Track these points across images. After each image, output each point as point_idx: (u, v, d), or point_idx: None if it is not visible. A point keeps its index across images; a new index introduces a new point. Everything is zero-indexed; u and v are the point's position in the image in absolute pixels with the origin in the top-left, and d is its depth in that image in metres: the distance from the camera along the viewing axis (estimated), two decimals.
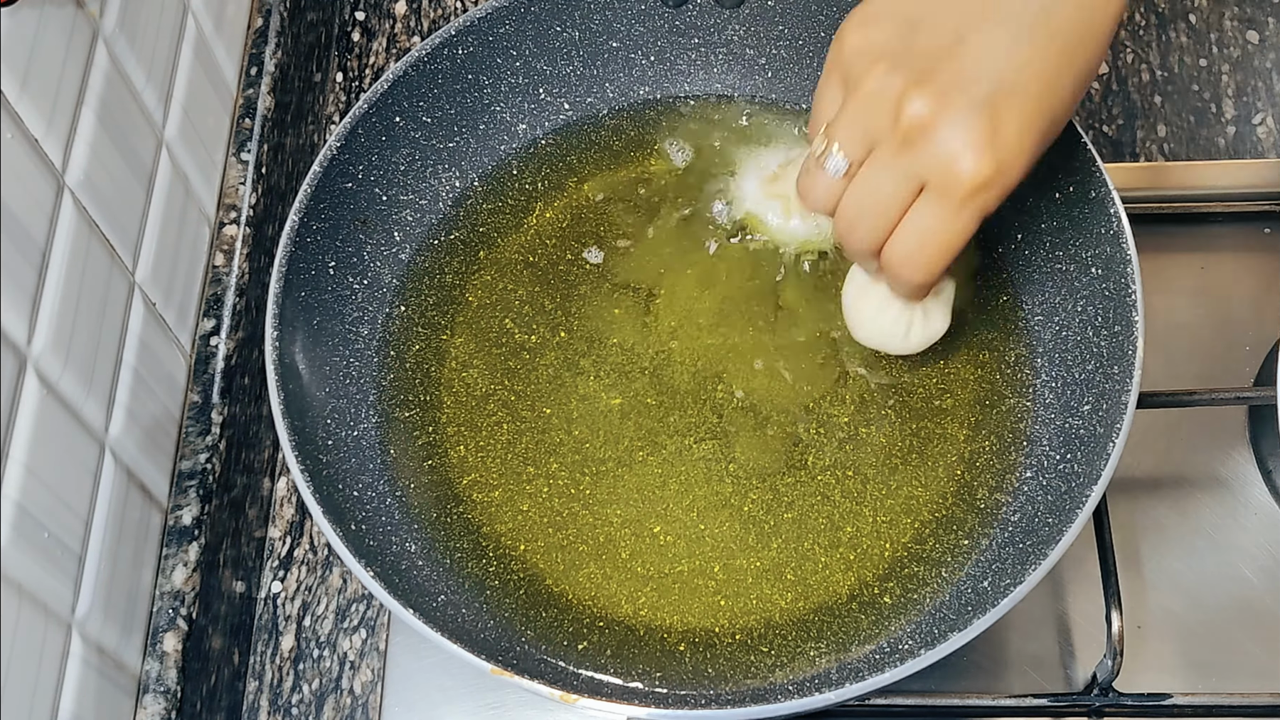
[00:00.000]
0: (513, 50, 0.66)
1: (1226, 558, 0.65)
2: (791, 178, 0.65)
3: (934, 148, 0.49)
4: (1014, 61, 0.49)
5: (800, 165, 0.54)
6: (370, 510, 0.58)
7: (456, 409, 0.62)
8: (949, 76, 0.49)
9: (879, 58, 0.50)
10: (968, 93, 0.48)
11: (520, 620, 0.57)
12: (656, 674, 0.56)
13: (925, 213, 0.50)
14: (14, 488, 0.50)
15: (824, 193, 0.52)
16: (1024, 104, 0.49)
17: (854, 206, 0.51)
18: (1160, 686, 0.60)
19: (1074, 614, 0.64)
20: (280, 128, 0.74)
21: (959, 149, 0.48)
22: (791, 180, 0.65)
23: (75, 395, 0.55)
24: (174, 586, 0.61)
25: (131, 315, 0.60)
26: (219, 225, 0.69)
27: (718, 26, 0.68)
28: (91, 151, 0.56)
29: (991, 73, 0.48)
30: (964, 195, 0.49)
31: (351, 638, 0.67)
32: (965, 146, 0.48)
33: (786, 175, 0.65)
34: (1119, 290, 0.57)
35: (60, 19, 0.54)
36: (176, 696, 0.59)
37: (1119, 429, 0.53)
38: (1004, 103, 0.48)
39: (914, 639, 0.54)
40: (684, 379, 0.62)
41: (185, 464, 0.63)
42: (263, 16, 0.74)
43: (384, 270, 0.64)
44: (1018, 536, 0.56)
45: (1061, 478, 0.56)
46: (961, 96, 0.48)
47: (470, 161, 0.67)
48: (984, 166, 0.48)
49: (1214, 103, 0.79)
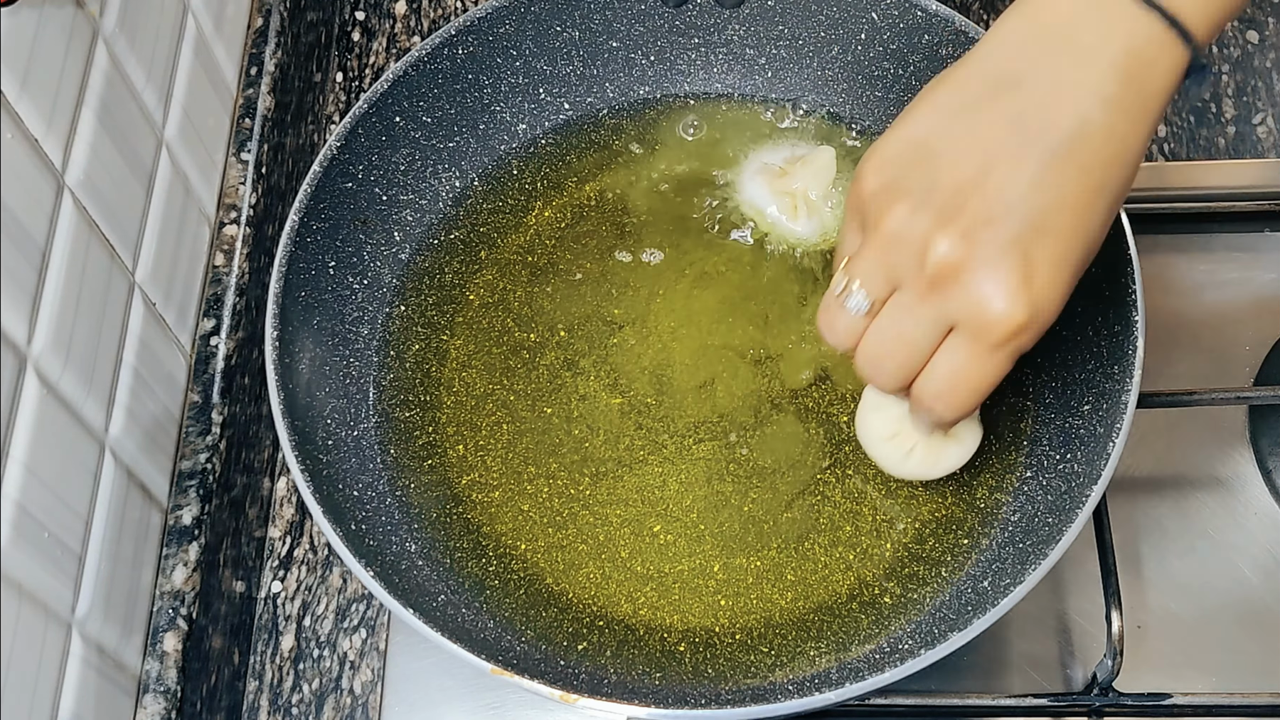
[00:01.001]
0: (513, 50, 0.66)
1: (1226, 558, 0.65)
2: (794, 174, 0.65)
3: (965, 293, 0.46)
4: (1043, 197, 0.46)
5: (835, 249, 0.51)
6: (370, 510, 0.58)
7: (456, 409, 0.62)
8: (975, 216, 0.46)
9: (901, 196, 0.47)
10: (997, 234, 0.46)
11: (520, 620, 0.57)
12: (656, 674, 0.56)
13: (957, 354, 0.48)
14: (14, 487, 0.50)
15: (845, 330, 0.50)
16: (1056, 242, 0.46)
17: (879, 346, 0.49)
18: (1160, 686, 0.60)
19: (1074, 614, 0.64)
20: (280, 128, 0.74)
21: (991, 295, 0.46)
22: (795, 177, 0.65)
23: (75, 395, 0.55)
24: (174, 586, 0.61)
25: (131, 315, 0.60)
26: (219, 225, 0.69)
27: (718, 26, 0.68)
28: (91, 151, 0.56)
29: (1020, 210, 0.46)
30: (998, 341, 0.47)
31: (351, 637, 0.67)
32: (998, 292, 0.46)
33: (792, 172, 0.65)
34: (1119, 290, 0.57)
35: (60, 19, 0.54)
36: (176, 696, 0.59)
37: (1119, 429, 0.53)
38: (1035, 242, 0.46)
39: (914, 639, 0.54)
40: (684, 379, 0.62)
41: (185, 464, 0.63)
42: (263, 16, 0.74)
43: (384, 270, 0.64)
44: (1018, 536, 0.56)
45: (1061, 478, 0.56)
46: (991, 238, 0.46)
47: (470, 161, 0.67)
48: (1019, 313, 0.46)
49: (1214, 103, 0.79)
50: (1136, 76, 0.47)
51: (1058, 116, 0.46)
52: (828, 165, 0.65)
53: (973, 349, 0.47)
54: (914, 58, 0.65)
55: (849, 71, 0.67)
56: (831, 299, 0.50)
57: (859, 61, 0.67)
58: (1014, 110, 0.47)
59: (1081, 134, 0.46)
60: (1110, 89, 0.46)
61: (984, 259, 0.46)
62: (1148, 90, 0.47)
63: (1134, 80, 0.47)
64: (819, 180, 0.65)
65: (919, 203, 0.47)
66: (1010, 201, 0.46)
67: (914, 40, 0.64)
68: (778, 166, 0.66)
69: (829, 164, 0.65)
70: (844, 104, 0.68)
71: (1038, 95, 0.47)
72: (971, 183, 0.46)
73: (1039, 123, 0.46)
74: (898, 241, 0.47)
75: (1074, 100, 0.46)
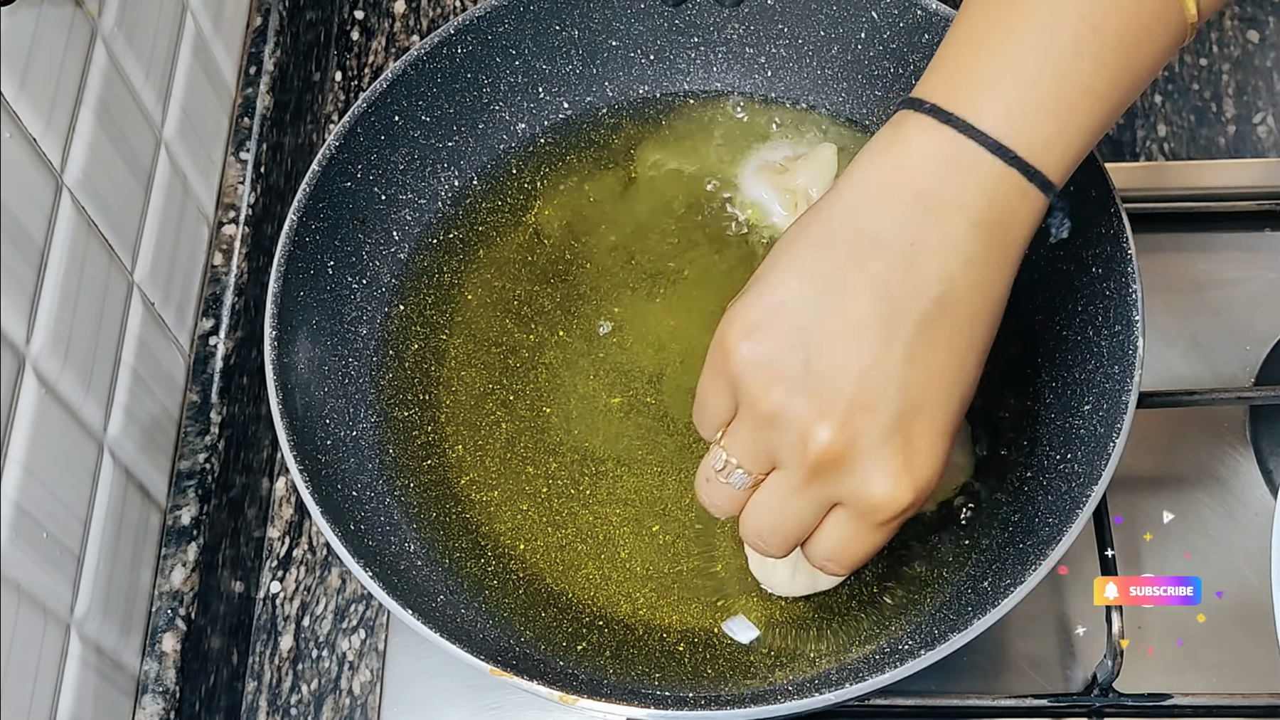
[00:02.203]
0: (512, 49, 0.66)
1: (1226, 558, 0.65)
2: (796, 171, 0.65)
3: (848, 481, 0.46)
4: (916, 372, 0.46)
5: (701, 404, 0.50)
6: (369, 510, 0.58)
7: (455, 408, 0.62)
8: (853, 403, 0.45)
9: (775, 378, 0.46)
10: (876, 420, 0.45)
11: (519, 620, 0.57)
12: (656, 674, 0.56)
13: (843, 528, 0.48)
14: (12, 488, 0.50)
15: (726, 502, 0.50)
16: (934, 415, 0.46)
17: (764, 521, 0.49)
18: (1160, 687, 0.60)
19: (1074, 614, 0.64)
20: (279, 127, 0.74)
21: (875, 482, 0.46)
22: (796, 174, 0.65)
23: (74, 395, 0.54)
24: (173, 586, 0.61)
25: (130, 315, 0.60)
26: (218, 225, 0.69)
27: (717, 25, 0.68)
28: (90, 151, 0.56)
29: (896, 391, 0.45)
30: (883, 521, 0.47)
31: (350, 638, 0.67)
32: (882, 480, 0.46)
33: (793, 169, 0.65)
34: (1119, 290, 0.56)
35: (59, 18, 0.54)
36: (175, 697, 0.59)
37: (1119, 429, 0.53)
38: (914, 422, 0.46)
39: (914, 639, 0.54)
40: (684, 378, 0.62)
41: (184, 464, 0.63)
42: (262, 15, 0.74)
43: (383, 269, 0.64)
44: (1018, 536, 0.56)
45: (1062, 478, 0.56)
46: (870, 425, 0.45)
47: (469, 160, 0.67)
48: (903, 496, 0.46)
49: (1214, 102, 0.79)
50: (999, 231, 0.46)
51: (923, 281, 0.45)
52: (829, 162, 0.65)
53: (858, 525, 0.48)
54: (914, 56, 0.65)
55: (849, 70, 0.67)
56: (711, 473, 0.50)
57: (859, 60, 0.67)
58: (879, 277, 0.46)
59: (948, 296, 0.46)
60: (973, 247, 0.46)
61: (865, 448, 0.46)
62: (1009, 240, 0.47)
63: (996, 235, 0.46)
64: (821, 177, 0.65)
65: (794, 386, 0.46)
66: (886, 383, 0.45)
67: (914, 39, 0.64)
68: (778, 164, 0.66)
69: (830, 161, 0.65)
70: (844, 102, 0.68)
71: (901, 259, 0.46)
72: (845, 365, 0.45)
73: (905, 290, 0.45)
74: (776, 424, 0.47)
75: (938, 262, 0.46)
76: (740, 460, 0.48)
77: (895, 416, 0.45)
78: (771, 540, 0.50)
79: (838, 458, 0.46)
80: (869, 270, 0.46)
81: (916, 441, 0.46)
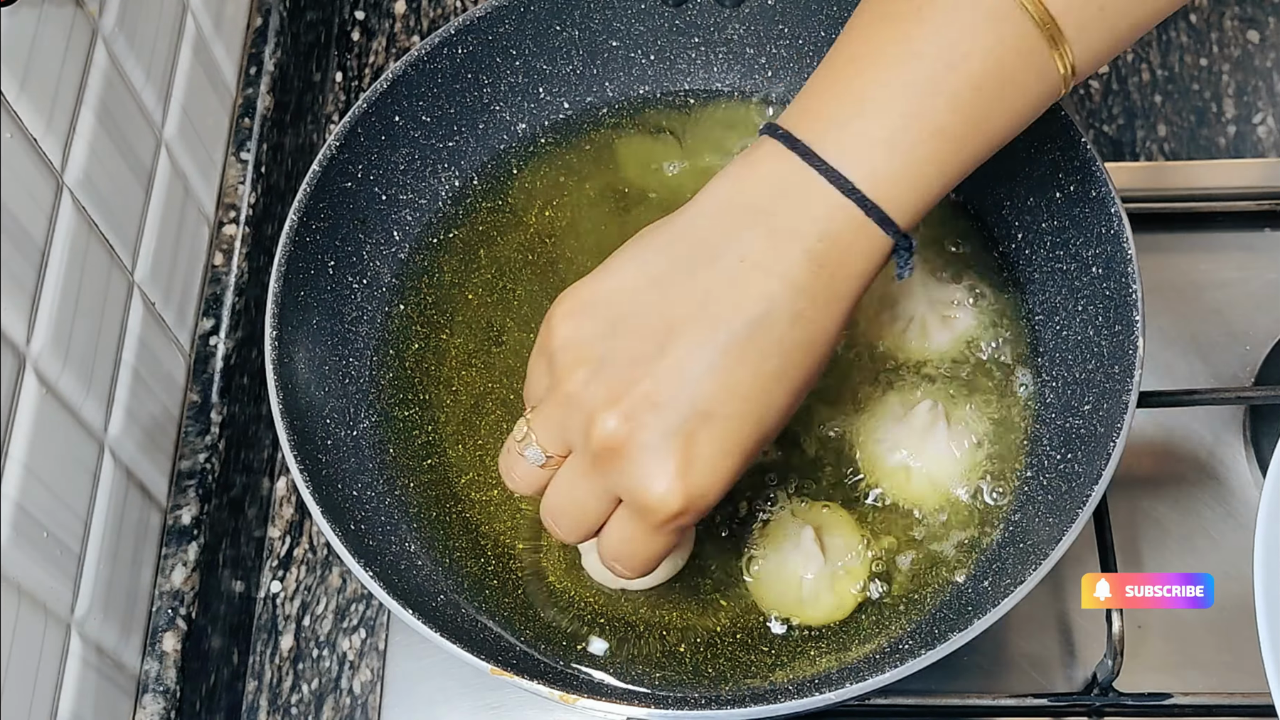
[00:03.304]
0: (512, 49, 0.66)
1: (1226, 558, 0.65)
2: None
3: (624, 475, 0.46)
4: (714, 383, 0.46)
5: None
6: (369, 510, 0.58)
7: (456, 408, 0.62)
8: (644, 397, 0.45)
9: (581, 360, 0.47)
10: (661, 418, 0.45)
11: (520, 620, 0.57)
12: (656, 674, 0.56)
13: (625, 527, 0.48)
14: (13, 487, 0.50)
15: (522, 478, 0.50)
16: (724, 430, 0.46)
17: (555, 504, 0.50)
18: (1160, 686, 0.60)
19: (1074, 614, 0.64)
20: (280, 127, 0.74)
21: (648, 482, 0.46)
22: None
23: (74, 395, 0.55)
24: (173, 586, 0.61)
25: (131, 315, 0.60)
26: (218, 225, 0.69)
27: (718, 25, 0.68)
28: (91, 151, 0.56)
29: (688, 395, 0.45)
30: (656, 524, 0.47)
31: (351, 637, 0.67)
32: (654, 480, 0.46)
33: None
34: (1119, 290, 0.57)
35: (60, 19, 0.54)
36: (176, 696, 0.59)
37: (1119, 428, 0.53)
38: (700, 430, 0.46)
39: (914, 639, 0.54)
40: None
41: (184, 464, 0.63)
42: (262, 16, 0.74)
43: (383, 269, 0.64)
44: (1018, 536, 0.56)
45: (1062, 477, 0.56)
46: (653, 422, 0.45)
47: (470, 160, 0.67)
48: (673, 501, 0.46)
49: (1214, 102, 0.79)
50: (829, 264, 0.46)
51: (744, 299, 0.46)
52: None
53: (637, 525, 0.48)
54: None
55: None
56: (513, 444, 0.50)
57: None
58: (705, 286, 0.46)
59: (765, 319, 0.46)
60: (800, 275, 0.46)
61: (645, 443, 0.45)
62: (840, 276, 0.47)
63: (826, 267, 0.46)
64: None
65: (595, 371, 0.46)
66: (681, 385, 0.45)
67: None
68: None
69: None
70: None
71: (728, 273, 0.46)
72: (647, 360, 0.46)
73: (725, 304, 0.46)
74: (572, 405, 0.47)
75: (763, 284, 0.46)
76: (538, 436, 0.49)
77: (682, 420, 0.45)
78: (561, 523, 0.50)
79: (619, 448, 0.46)
80: (696, 276, 0.46)
81: (699, 449, 0.46)
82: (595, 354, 0.47)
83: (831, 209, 0.46)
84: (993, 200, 0.64)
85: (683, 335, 0.46)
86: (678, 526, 0.47)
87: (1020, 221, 0.63)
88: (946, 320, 0.61)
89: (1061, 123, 0.59)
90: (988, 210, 0.64)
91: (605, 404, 0.46)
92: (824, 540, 0.56)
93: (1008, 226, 0.63)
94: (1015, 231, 0.63)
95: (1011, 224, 0.63)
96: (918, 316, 0.61)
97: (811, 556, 0.56)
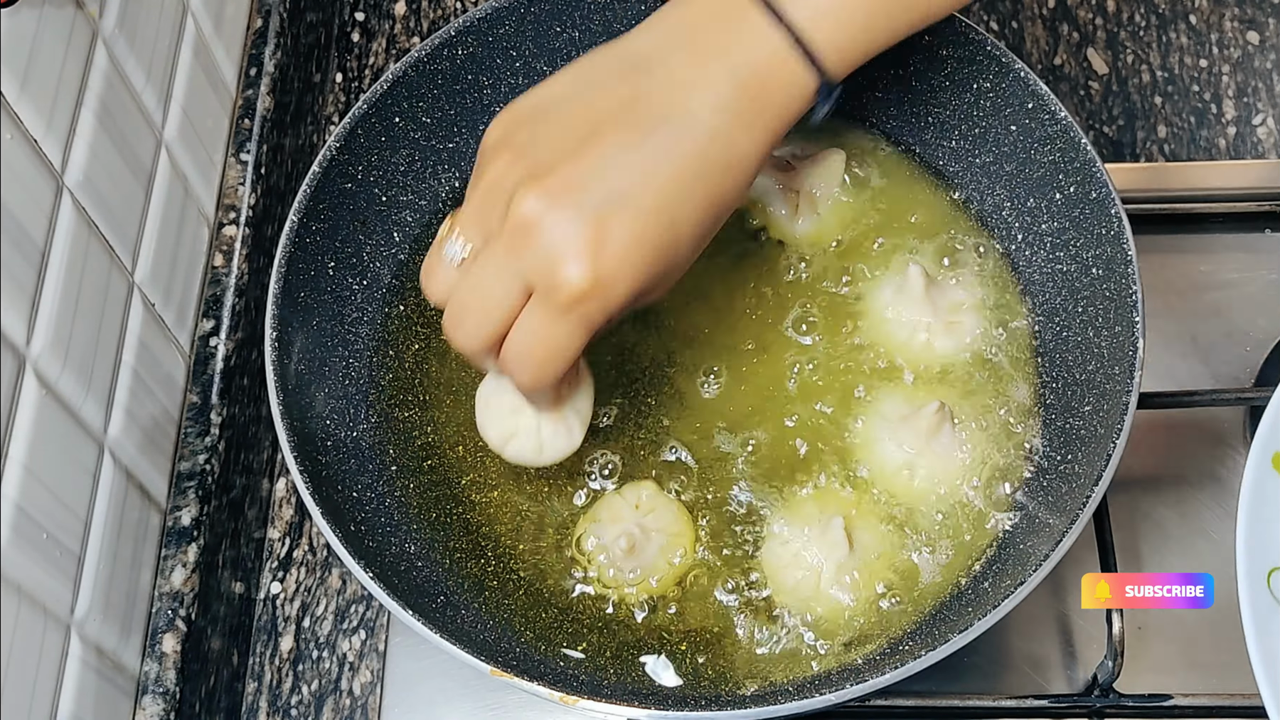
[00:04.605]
0: (512, 50, 0.66)
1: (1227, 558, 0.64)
2: (802, 171, 0.65)
3: (536, 251, 0.47)
4: (633, 173, 0.47)
5: None
6: (369, 511, 0.58)
7: (455, 408, 0.62)
8: (564, 177, 0.47)
9: (503, 147, 0.49)
10: (578, 198, 0.47)
11: (520, 621, 0.57)
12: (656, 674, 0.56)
13: (532, 317, 0.48)
14: (13, 488, 0.50)
15: (439, 281, 0.50)
16: (636, 219, 0.47)
17: (460, 302, 0.49)
18: (1160, 687, 0.60)
19: (1074, 614, 0.64)
20: (280, 128, 0.74)
21: (558, 257, 0.47)
22: (802, 175, 0.64)
23: (74, 396, 0.55)
24: (173, 587, 0.61)
25: (130, 316, 0.60)
26: (218, 226, 0.69)
27: None
28: (91, 152, 0.56)
29: (608, 181, 0.47)
30: (563, 304, 0.47)
31: (351, 639, 0.67)
32: (565, 255, 0.46)
33: (799, 169, 0.65)
34: (1120, 290, 0.57)
35: (60, 19, 0.54)
36: (175, 697, 0.59)
37: (1120, 429, 0.53)
38: (614, 215, 0.47)
39: (914, 640, 0.54)
40: (683, 377, 0.62)
41: (184, 465, 0.63)
42: (262, 17, 0.74)
43: (383, 270, 0.64)
44: (1018, 537, 0.56)
45: (1062, 478, 0.56)
46: (571, 201, 0.47)
47: (470, 161, 0.67)
48: (582, 278, 0.46)
49: (1214, 103, 0.79)
50: (753, 87, 0.49)
51: (667, 109, 0.48)
52: (836, 168, 0.64)
53: (544, 311, 0.48)
54: (913, 58, 0.65)
55: None
56: (435, 246, 0.51)
57: None
58: (633, 93, 0.49)
59: (686, 129, 0.48)
60: (724, 93, 0.48)
61: (558, 220, 0.47)
62: (763, 102, 0.49)
63: (749, 90, 0.49)
64: (826, 181, 0.64)
65: (517, 156, 0.48)
66: (600, 172, 0.47)
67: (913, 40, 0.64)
68: (785, 160, 0.66)
69: (838, 167, 0.64)
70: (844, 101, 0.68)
71: (657, 84, 0.49)
72: (570, 148, 0.48)
73: (650, 109, 0.48)
74: (492, 191, 0.49)
75: (687, 97, 0.48)
76: (462, 229, 0.50)
77: (598, 203, 0.47)
78: (465, 322, 0.50)
79: (534, 224, 0.47)
80: (626, 81, 0.49)
81: (611, 232, 0.47)
82: (516, 141, 0.49)
83: (760, 36, 0.49)
84: (993, 202, 0.64)
85: (606, 131, 0.48)
86: (584, 314, 0.48)
87: (1020, 223, 0.63)
88: (948, 323, 0.61)
89: (1061, 124, 0.59)
90: (988, 212, 0.64)
91: (525, 183, 0.47)
92: (852, 535, 0.56)
93: (1008, 228, 0.63)
94: (1015, 233, 0.63)
95: (1012, 225, 0.63)
96: (919, 319, 0.61)
97: (837, 545, 0.56)
